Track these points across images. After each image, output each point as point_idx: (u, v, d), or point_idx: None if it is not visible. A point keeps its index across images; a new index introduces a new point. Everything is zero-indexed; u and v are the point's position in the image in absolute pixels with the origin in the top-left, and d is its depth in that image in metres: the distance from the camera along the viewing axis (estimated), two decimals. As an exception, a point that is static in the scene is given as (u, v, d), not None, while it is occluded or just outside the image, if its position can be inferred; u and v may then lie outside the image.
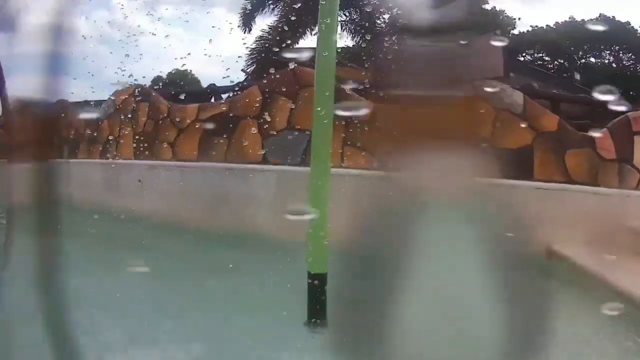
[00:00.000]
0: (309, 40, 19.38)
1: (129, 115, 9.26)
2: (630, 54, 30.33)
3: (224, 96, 9.98)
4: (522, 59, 28.48)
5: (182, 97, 9.48)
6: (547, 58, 30.81)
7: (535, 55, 30.75)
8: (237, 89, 9.60)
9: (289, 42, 18.42)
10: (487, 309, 3.08)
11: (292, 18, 18.50)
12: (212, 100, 10.04)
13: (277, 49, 17.32)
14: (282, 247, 6.10)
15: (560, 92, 15.91)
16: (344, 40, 19.77)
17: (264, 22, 21.85)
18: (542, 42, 29.61)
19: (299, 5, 17.77)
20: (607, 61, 31.54)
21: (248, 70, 20.06)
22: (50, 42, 2.38)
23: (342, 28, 19.46)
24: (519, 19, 31.46)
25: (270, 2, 20.67)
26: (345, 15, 19.41)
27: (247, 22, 21.32)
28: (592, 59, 31.91)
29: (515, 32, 30.27)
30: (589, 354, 3.66)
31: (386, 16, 21.66)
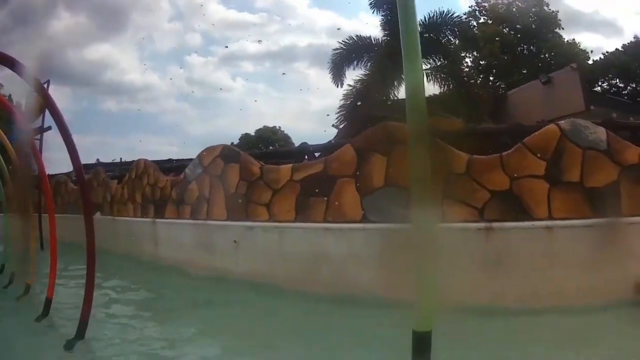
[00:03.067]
0: (399, 93, 19.10)
1: (219, 176, 9.29)
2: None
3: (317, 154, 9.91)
4: (598, 88, 27.84)
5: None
6: (620, 84, 29.94)
7: (610, 82, 29.93)
8: (330, 147, 9.51)
9: (378, 96, 18.49)
10: None
11: (381, 71, 18.54)
12: (306, 158, 10.00)
13: (367, 104, 17.48)
14: (386, 306, 5.98)
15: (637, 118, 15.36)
16: (431, 87, 19.51)
17: (351, 76, 21.69)
18: (614, 67, 28.82)
19: (386, 58, 17.87)
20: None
21: (339, 126, 20.08)
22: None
23: (427, 76, 19.30)
24: (592, 51, 30.74)
25: (356, 56, 20.87)
26: (429, 63, 19.36)
27: (336, 76, 21.45)
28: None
29: (589, 62, 29.61)
30: None
31: (468, 60, 21.78)
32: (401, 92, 18.47)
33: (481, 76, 23.01)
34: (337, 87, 21.40)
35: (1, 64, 5.07)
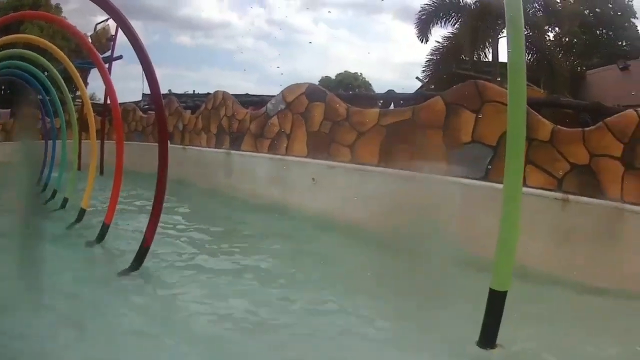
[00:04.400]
0: (488, 55, 19.96)
1: (302, 113, 9.46)
2: None
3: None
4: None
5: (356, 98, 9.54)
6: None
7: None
8: (417, 97, 9.56)
9: (465, 55, 18.83)
10: None
11: (470, 32, 18.83)
12: (391, 106, 10.07)
13: (456, 62, 17.70)
14: (464, 263, 6.01)
15: None
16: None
17: (437, 33, 22.39)
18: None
19: (476, 19, 18.04)
20: None
21: (424, 79, 20.56)
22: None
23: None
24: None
25: (444, 15, 21.39)
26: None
27: (422, 32, 22.16)
28: None
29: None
30: None
31: (551, 35, 21.75)
32: (488, 54, 19.00)
33: (562, 52, 22.90)
34: (422, 42, 22.09)
35: None
